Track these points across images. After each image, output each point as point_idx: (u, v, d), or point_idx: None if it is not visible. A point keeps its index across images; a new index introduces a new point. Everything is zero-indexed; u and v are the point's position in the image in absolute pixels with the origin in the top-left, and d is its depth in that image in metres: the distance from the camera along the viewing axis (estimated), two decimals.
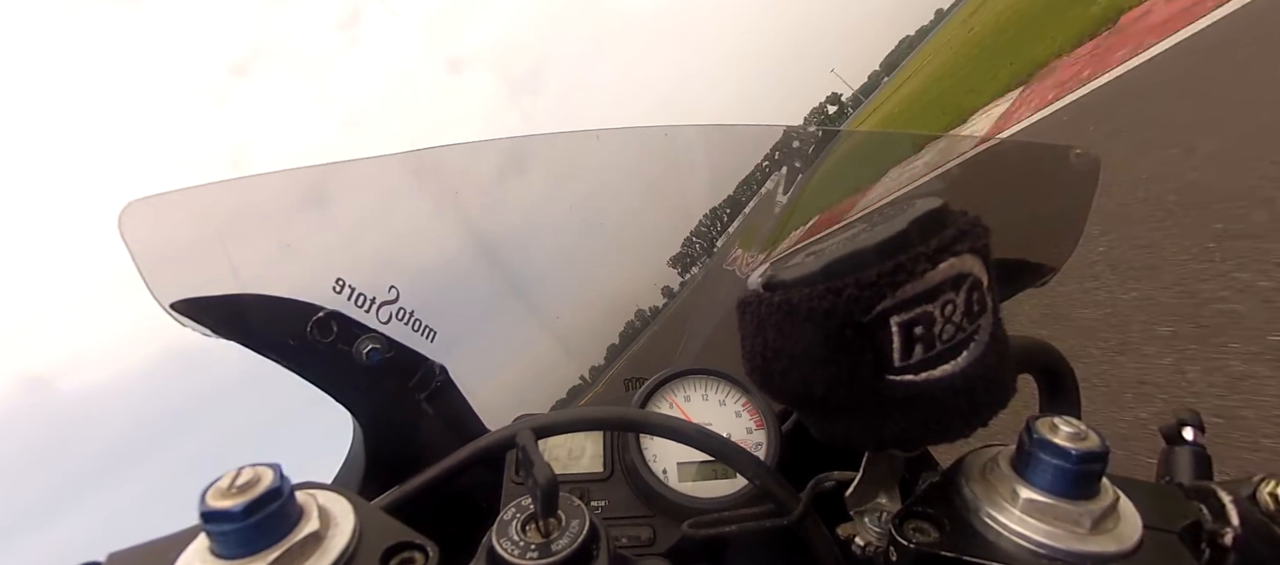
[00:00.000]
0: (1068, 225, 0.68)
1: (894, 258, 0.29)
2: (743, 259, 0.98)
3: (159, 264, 0.50)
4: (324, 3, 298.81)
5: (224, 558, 0.28)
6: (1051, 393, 0.57)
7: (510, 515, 0.32)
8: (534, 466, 0.32)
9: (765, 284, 0.34)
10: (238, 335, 0.54)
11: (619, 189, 0.86)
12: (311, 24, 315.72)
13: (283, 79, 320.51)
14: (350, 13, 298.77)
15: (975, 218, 0.32)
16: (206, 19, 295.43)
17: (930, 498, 0.34)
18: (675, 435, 0.48)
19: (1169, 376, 2.08)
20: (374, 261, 0.61)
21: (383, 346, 0.59)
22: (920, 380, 0.31)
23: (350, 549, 0.30)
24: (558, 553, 0.30)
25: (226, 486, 0.28)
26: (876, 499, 0.43)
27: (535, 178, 0.77)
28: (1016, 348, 0.36)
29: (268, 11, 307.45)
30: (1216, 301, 2.25)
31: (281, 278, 0.55)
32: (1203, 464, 0.47)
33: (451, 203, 0.70)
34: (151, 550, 0.30)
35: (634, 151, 0.82)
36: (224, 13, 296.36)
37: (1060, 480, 0.31)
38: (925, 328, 0.30)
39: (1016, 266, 0.64)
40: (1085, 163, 0.68)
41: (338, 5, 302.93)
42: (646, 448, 0.57)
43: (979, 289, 0.31)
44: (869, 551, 0.41)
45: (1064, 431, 0.31)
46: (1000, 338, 0.33)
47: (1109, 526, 0.31)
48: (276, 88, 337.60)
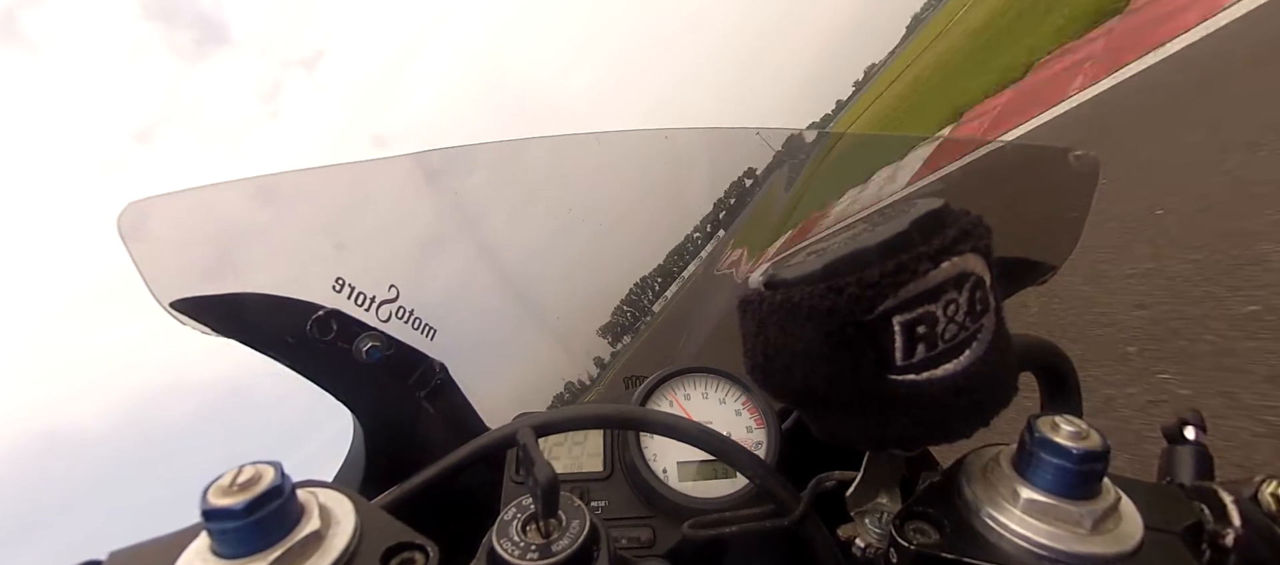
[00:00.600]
0: (1068, 225, 0.68)
1: (896, 257, 0.29)
2: (737, 260, 0.98)
3: (159, 263, 0.50)
4: (246, 73, 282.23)
5: (225, 557, 0.28)
6: (1053, 391, 0.57)
7: (511, 515, 0.32)
8: (534, 465, 0.32)
9: (767, 283, 0.34)
10: (237, 334, 0.54)
11: (619, 190, 0.86)
12: (230, 93, 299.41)
13: (189, 147, 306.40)
14: (273, 85, 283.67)
15: (977, 217, 0.32)
16: (113, 79, 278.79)
17: (931, 498, 0.34)
18: (675, 433, 0.48)
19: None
20: (374, 260, 0.61)
21: (383, 345, 0.59)
22: (922, 379, 0.31)
23: (351, 549, 0.30)
24: (558, 553, 0.30)
25: (228, 484, 0.28)
26: (877, 499, 0.43)
27: (536, 178, 0.77)
28: (1018, 346, 0.36)
29: (182, 77, 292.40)
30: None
31: (281, 276, 0.55)
32: (1204, 463, 0.47)
33: (452, 202, 0.70)
34: (152, 549, 0.30)
35: (634, 153, 0.82)
36: (134, 74, 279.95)
37: (1061, 480, 0.31)
38: (927, 327, 0.30)
39: (1017, 265, 0.64)
40: (1085, 164, 0.68)
41: (260, 76, 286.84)
42: (647, 447, 0.57)
43: (981, 288, 0.31)
44: (870, 553, 0.40)
45: (1065, 430, 0.31)
46: (1002, 336, 0.33)
47: (1110, 527, 0.31)
48: (181, 155, 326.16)
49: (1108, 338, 2.40)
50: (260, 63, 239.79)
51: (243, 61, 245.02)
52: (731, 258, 0.99)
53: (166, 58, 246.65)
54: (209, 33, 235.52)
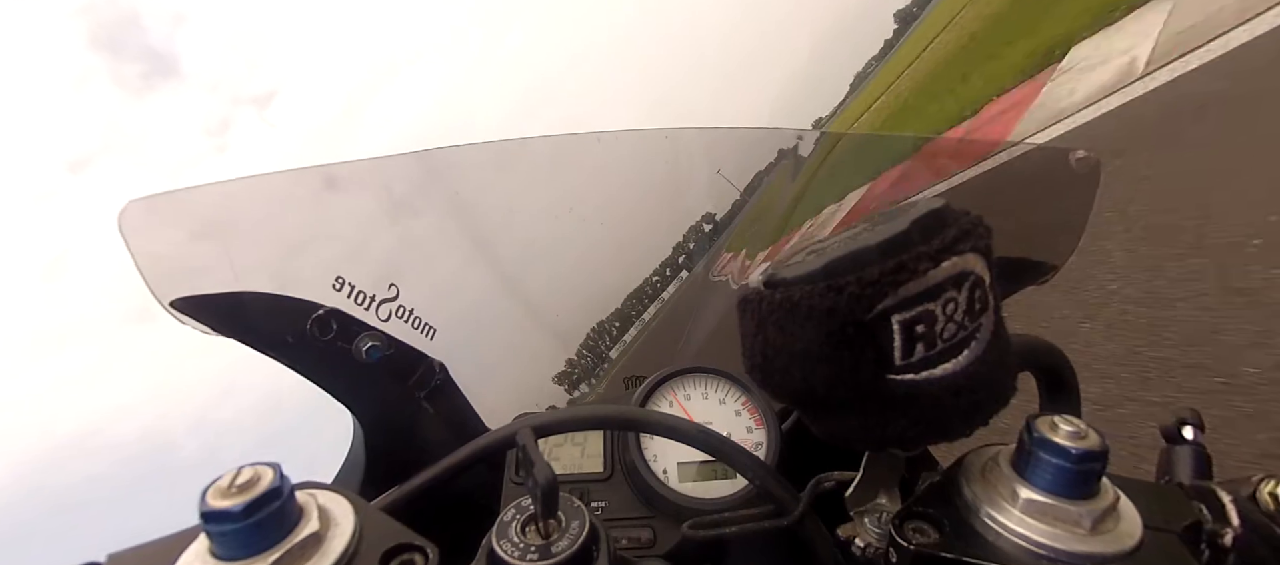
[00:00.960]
0: (1069, 226, 0.68)
1: (896, 257, 0.29)
2: (731, 264, 0.97)
3: (158, 263, 0.50)
4: (193, 107, 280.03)
5: (224, 559, 0.28)
6: (1052, 391, 0.57)
7: (510, 516, 0.32)
8: (534, 466, 0.32)
9: (766, 282, 0.34)
10: (237, 333, 0.54)
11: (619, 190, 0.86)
12: (175, 127, 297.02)
13: (127, 179, 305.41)
14: (221, 121, 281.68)
15: (977, 217, 0.32)
16: (52, 108, 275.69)
17: (930, 498, 0.34)
18: (675, 434, 0.48)
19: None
20: (374, 259, 0.61)
21: (382, 344, 0.59)
22: (921, 379, 0.31)
23: (350, 550, 0.30)
24: (558, 554, 0.30)
25: (226, 486, 0.28)
26: (876, 499, 0.43)
27: (536, 178, 0.77)
28: (1017, 346, 0.36)
29: (126, 109, 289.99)
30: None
31: (281, 275, 0.55)
32: (1203, 463, 0.47)
33: (453, 202, 0.70)
34: (151, 551, 0.30)
35: (634, 153, 0.82)
36: (74, 104, 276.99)
37: (1060, 480, 0.31)
38: (927, 326, 0.30)
39: (1018, 265, 0.64)
40: (1086, 165, 0.68)
41: (209, 111, 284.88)
42: (646, 447, 0.57)
43: (981, 288, 0.31)
44: (869, 553, 0.41)
45: (1064, 430, 0.31)
46: (1001, 336, 0.33)
47: (1109, 527, 0.31)
48: (118, 188, 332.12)
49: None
50: (209, 98, 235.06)
51: (191, 96, 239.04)
52: (726, 263, 0.99)
53: (110, 89, 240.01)
54: (157, 66, 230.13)
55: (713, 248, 1.00)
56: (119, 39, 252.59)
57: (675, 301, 1.02)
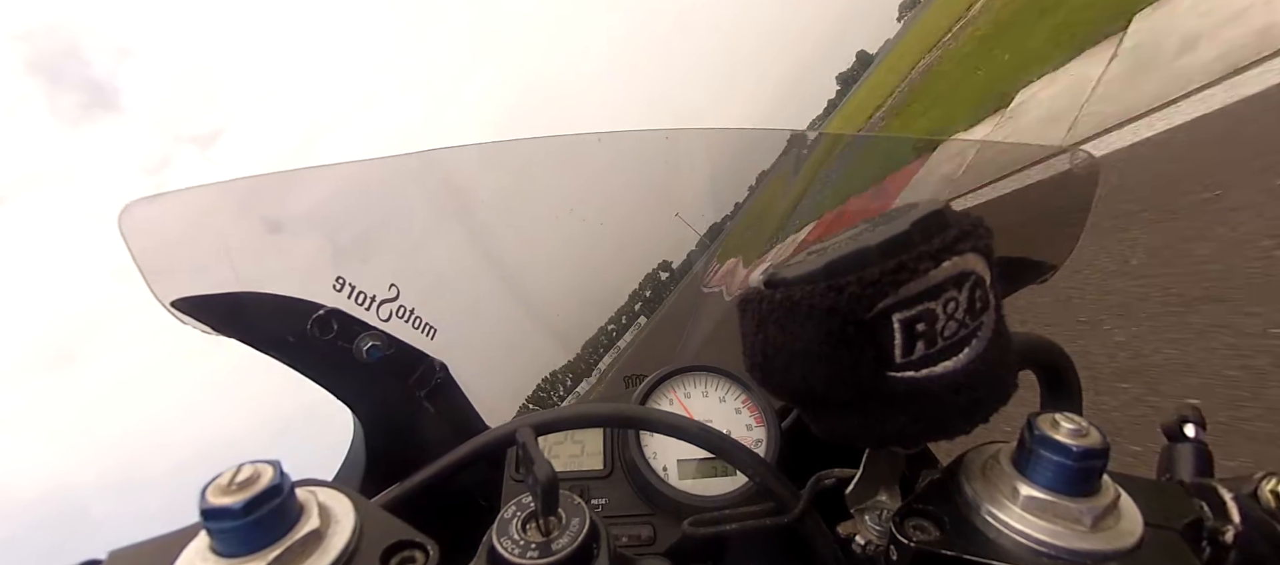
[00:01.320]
0: (1068, 225, 0.68)
1: (897, 257, 0.29)
2: (727, 275, 0.97)
3: (159, 263, 0.50)
4: (132, 143, 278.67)
5: (224, 556, 0.28)
6: (1053, 389, 0.57)
7: (511, 513, 0.32)
8: (534, 464, 0.32)
9: (767, 282, 0.34)
10: (238, 333, 0.54)
11: (619, 190, 0.86)
12: (111, 162, 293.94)
13: (50, 215, 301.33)
14: (161, 158, 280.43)
15: (978, 218, 0.31)
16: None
17: (931, 495, 0.34)
18: (675, 432, 0.48)
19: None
20: (375, 259, 0.61)
21: (383, 344, 0.59)
22: (921, 377, 0.31)
23: (351, 547, 0.30)
24: (558, 552, 0.30)
25: (226, 483, 0.28)
26: (877, 496, 0.43)
27: (536, 178, 0.77)
28: (1018, 344, 0.36)
29: (62, 141, 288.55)
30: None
31: (282, 275, 0.55)
32: (1204, 460, 0.47)
33: (453, 202, 0.70)
34: (152, 548, 0.30)
35: (634, 153, 0.82)
36: (2, 130, 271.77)
37: (1061, 477, 0.31)
38: (927, 325, 0.30)
39: (1018, 264, 0.65)
40: (1085, 166, 0.68)
41: (148, 148, 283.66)
42: (647, 445, 0.57)
43: (981, 287, 0.31)
44: (870, 550, 0.41)
45: (1065, 428, 0.31)
46: (1002, 334, 0.33)
47: (1110, 524, 0.31)
48: (37, 225, 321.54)
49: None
50: (150, 134, 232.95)
51: (130, 131, 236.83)
52: (719, 271, 0.98)
53: (45, 118, 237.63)
54: (97, 98, 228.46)
55: (707, 253, 1.00)
56: (59, 67, 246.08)
57: (673, 304, 1.01)
